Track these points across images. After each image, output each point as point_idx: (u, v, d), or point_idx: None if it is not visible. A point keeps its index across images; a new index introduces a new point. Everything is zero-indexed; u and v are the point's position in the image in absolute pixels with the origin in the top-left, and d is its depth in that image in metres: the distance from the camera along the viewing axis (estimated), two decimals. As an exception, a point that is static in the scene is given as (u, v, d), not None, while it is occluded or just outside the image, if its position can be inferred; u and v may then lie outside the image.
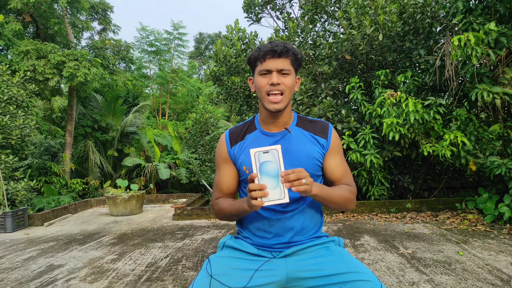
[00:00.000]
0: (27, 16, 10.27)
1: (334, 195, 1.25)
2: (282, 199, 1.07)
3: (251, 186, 1.07)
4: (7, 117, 6.83)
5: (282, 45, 1.29)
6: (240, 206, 1.22)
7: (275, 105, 1.30)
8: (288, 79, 1.30)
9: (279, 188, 1.08)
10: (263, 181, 1.08)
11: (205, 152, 9.17)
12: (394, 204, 5.53)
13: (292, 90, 1.33)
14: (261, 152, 1.09)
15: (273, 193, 1.07)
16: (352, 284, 1.18)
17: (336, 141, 1.42)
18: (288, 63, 1.30)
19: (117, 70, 12.33)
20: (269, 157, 1.09)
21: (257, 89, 1.34)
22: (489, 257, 3.26)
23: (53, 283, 3.10)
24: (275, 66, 1.29)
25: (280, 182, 1.07)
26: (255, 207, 1.10)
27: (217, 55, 6.74)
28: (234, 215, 1.29)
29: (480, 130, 4.80)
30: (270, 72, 1.29)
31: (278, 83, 1.28)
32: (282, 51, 1.28)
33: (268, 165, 1.09)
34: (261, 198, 1.07)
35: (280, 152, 1.09)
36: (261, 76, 1.31)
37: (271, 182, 1.08)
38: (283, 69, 1.29)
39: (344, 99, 6.19)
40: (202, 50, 29.01)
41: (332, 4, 6.15)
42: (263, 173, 1.08)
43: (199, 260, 3.60)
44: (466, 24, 4.45)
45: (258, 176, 1.08)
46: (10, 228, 5.59)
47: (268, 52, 1.28)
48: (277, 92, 1.29)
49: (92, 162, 11.39)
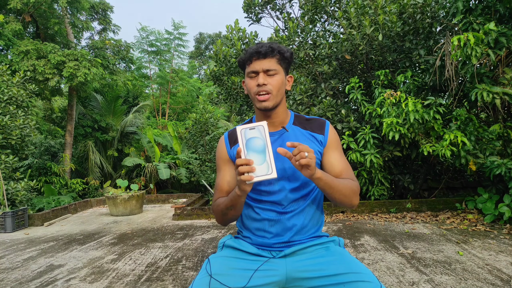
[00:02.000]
0: (27, 16, 10.27)
1: (338, 183, 1.23)
2: (269, 174, 1.05)
3: (237, 161, 1.06)
4: (7, 117, 6.83)
5: (268, 45, 1.30)
6: (232, 193, 1.20)
7: (263, 103, 1.30)
8: (275, 78, 1.31)
9: (266, 163, 1.06)
10: (249, 157, 1.07)
11: (205, 152, 9.17)
12: (394, 204, 5.53)
13: (281, 89, 1.33)
14: (247, 128, 1.08)
15: (260, 169, 1.06)
16: (352, 284, 1.17)
17: (333, 136, 1.41)
18: (274, 62, 1.31)
19: (117, 70, 12.33)
20: (255, 133, 1.08)
21: (247, 91, 1.36)
22: (489, 257, 3.26)
23: (53, 283, 3.10)
24: (261, 67, 1.30)
25: (267, 158, 1.07)
26: (244, 184, 1.08)
27: (217, 55, 6.74)
28: (229, 207, 1.26)
29: (480, 130, 4.80)
30: (257, 73, 1.31)
31: (264, 84, 1.29)
32: (267, 52, 1.29)
33: (254, 141, 1.08)
34: (248, 173, 1.06)
35: (266, 128, 1.08)
36: (250, 78, 1.33)
37: (258, 158, 1.07)
38: (269, 69, 1.30)
39: (344, 99, 6.19)
40: (202, 50, 29.02)
41: (332, 4, 6.15)
42: (250, 149, 1.08)
43: (199, 260, 3.60)
44: (466, 24, 4.45)
45: (245, 151, 1.07)
46: (10, 228, 5.59)
47: (253, 53, 1.30)
48: (264, 92, 1.30)
49: (92, 162, 11.40)
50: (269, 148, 1.07)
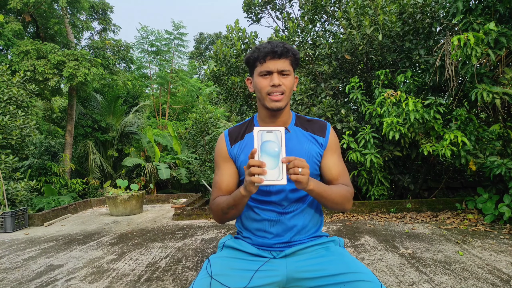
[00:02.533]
0: (27, 16, 10.27)
1: (331, 192, 1.24)
2: (280, 180, 1.05)
3: (251, 161, 1.05)
4: (7, 117, 6.83)
5: (282, 45, 1.29)
6: (236, 193, 1.19)
7: (276, 103, 1.30)
8: (288, 79, 1.31)
9: (278, 169, 1.06)
10: (263, 159, 1.07)
11: (205, 152, 9.18)
12: (394, 204, 5.53)
13: (292, 89, 1.34)
14: (264, 131, 1.08)
15: (271, 173, 1.05)
16: (352, 284, 1.18)
17: (334, 140, 1.42)
18: (288, 63, 1.30)
19: (117, 70, 12.34)
20: (271, 137, 1.08)
21: (257, 90, 1.34)
22: (489, 257, 3.26)
23: (53, 283, 3.10)
24: (275, 67, 1.28)
25: (279, 163, 1.06)
26: (252, 185, 1.07)
27: (217, 55, 6.74)
28: (231, 206, 1.24)
29: (480, 130, 4.80)
30: (271, 73, 1.29)
31: (279, 84, 1.28)
32: (282, 52, 1.28)
33: (269, 144, 1.08)
34: (259, 175, 1.05)
35: (283, 133, 1.08)
36: (262, 77, 1.31)
37: (271, 162, 1.06)
38: (284, 70, 1.29)
39: (344, 99, 6.19)
40: (202, 50, 29.02)
41: (332, 4, 6.15)
42: (264, 152, 1.07)
43: (199, 260, 3.60)
44: (466, 24, 4.45)
45: (259, 153, 1.07)
46: (10, 228, 5.59)
47: (269, 53, 1.28)
48: (278, 93, 1.29)
49: (92, 162, 11.40)
50: (283, 154, 1.07)
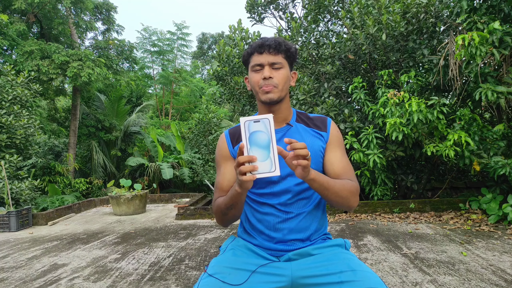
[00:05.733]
0: (31, 17, 10.33)
1: (334, 183, 1.17)
2: (272, 171, 0.99)
3: (240, 159, 0.99)
4: (12, 116, 6.88)
5: (273, 39, 1.29)
6: (232, 191, 1.14)
7: (268, 95, 1.27)
8: (281, 72, 1.29)
9: (270, 160, 0.99)
10: (252, 152, 1.01)
11: (208, 152, 9.19)
12: (397, 204, 5.52)
13: (286, 83, 1.31)
14: (251, 121, 1.01)
15: (263, 165, 0.99)
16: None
17: (335, 133, 1.38)
18: (281, 57, 1.29)
19: (121, 70, 12.39)
20: (260, 126, 1.01)
21: (251, 85, 1.33)
22: (493, 257, 3.24)
23: (57, 282, 3.12)
24: (266, 60, 1.27)
25: (271, 154, 1.00)
26: (245, 183, 1.02)
27: (220, 55, 6.75)
28: (229, 206, 1.20)
29: (484, 130, 4.77)
30: (263, 67, 1.28)
31: (270, 77, 1.27)
32: (273, 45, 1.27)
33: (258, 135, 1.00)
34: (251, 172, 1.00)
35: (272, 121, 1.00)
36: (254, 72, 1.30)
37: (262, 154, 1.00)
38: (275, 63, 1.28)
39: (347, 99, 6.17)
40: (205, 50, 29.05)
41: (335, 4, 6.14)
42: (253, 144, 1.01)
43: (202, 260, 3.61)
44: (470, 24, 4.43)
45: (248, 147, 1.00)
46: (14, 227, 5.63)
47: (259, 46, 1.28)
48: (270, 85, 1.27)
49: (95, 161, 11.45)
50: (274, 144, 1.00)
